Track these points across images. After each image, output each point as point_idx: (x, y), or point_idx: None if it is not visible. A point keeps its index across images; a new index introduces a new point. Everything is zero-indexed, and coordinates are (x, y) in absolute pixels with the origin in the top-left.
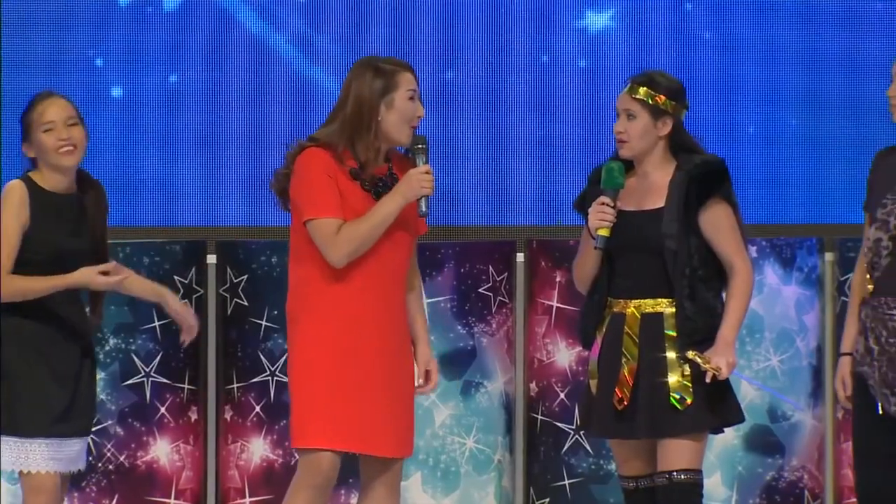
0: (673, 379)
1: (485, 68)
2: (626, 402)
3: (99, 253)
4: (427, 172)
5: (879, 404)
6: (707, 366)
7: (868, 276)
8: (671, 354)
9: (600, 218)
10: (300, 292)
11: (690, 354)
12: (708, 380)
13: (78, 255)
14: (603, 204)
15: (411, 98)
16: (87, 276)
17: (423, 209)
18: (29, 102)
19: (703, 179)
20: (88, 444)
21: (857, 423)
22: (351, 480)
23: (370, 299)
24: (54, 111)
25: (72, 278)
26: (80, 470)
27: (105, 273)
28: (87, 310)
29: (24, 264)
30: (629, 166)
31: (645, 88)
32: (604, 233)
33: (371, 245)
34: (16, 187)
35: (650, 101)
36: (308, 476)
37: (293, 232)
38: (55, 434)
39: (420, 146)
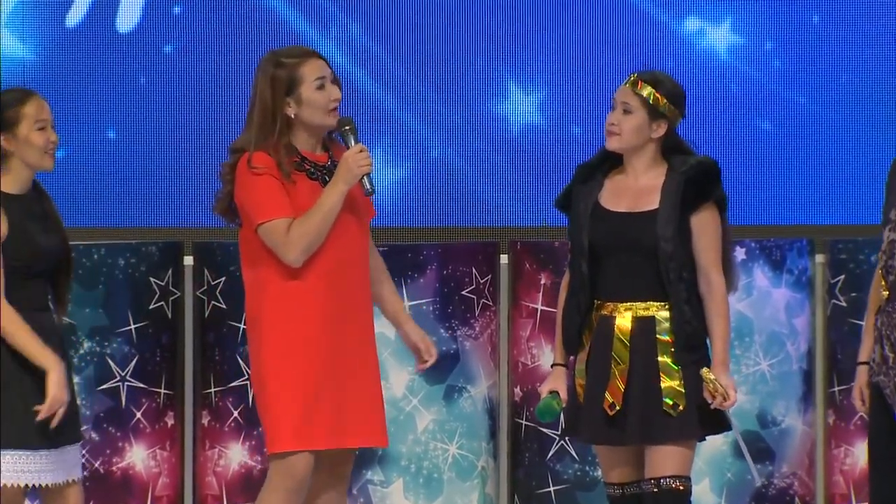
0: (666, 384)
1: (470, 67)
2: (618, 408)
3: (67, 250)
4: (361, 151)
5: None
6: (718, 392)
7: (883, 282)
8: (664, 359)
9: None
10: (260, 296)
11: (707, 374)
12: (714, 404)
13: (53, 252)
14: None
15: (321, 87)
16: None
17: (369, 188)
18: (5, 96)
19: (697, 181)
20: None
21: (873, 432)
22: None
23: (330, 292)
24: (47, 110)
25: None
26: (74, 480)
27: None
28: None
29: (9, 272)
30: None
31: (649, 87)
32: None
33: (324, 237)
34: None
35: (651, 101)
36: (283, 479)
37: (244, 241)
38: (56, 444)
39: (347, 127)
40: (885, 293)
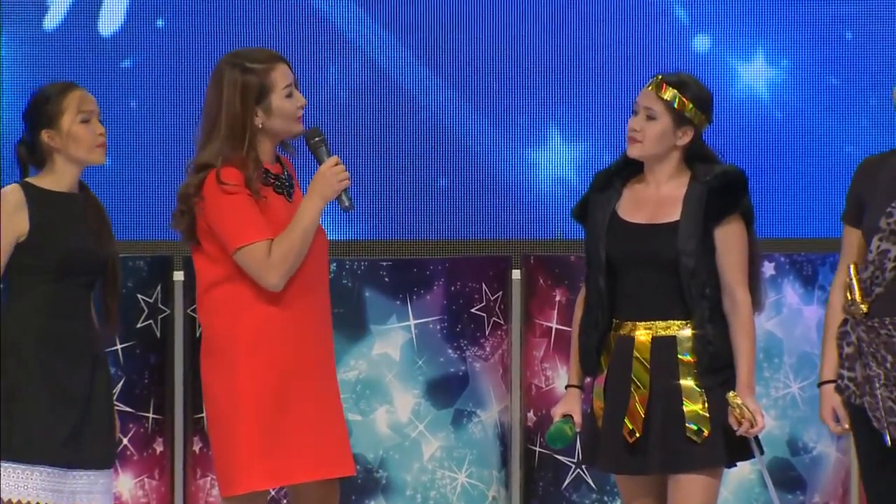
0: (689, 408)
1: (481, 73)
2: (637, 435)
3: (107, 258)
4: (337, 164)
5: (888, 436)
6: (745, 418)
7: (856, 296)
8: (686, 382)
9: None
10: (234, 319)
11: (733, 398)
12: (740, 430)
13: (87, 256)
14: None
15: (289, 95)
16: None
17: (347, 203)
18: (46, 90)
19: (722, 192)
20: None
21: (863, 461)
22: None
23: (304, 313)
24: (91, 102)
25: None
26: None
27: None
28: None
29: (33, 273)
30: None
31: (674, 90)
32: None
33: (304, 257)
34: (11, 192)
35: (676, 105)
36: None
37: (208, 261)
38: (59, 463)
39: (318, 139)
40: (864, 307)
